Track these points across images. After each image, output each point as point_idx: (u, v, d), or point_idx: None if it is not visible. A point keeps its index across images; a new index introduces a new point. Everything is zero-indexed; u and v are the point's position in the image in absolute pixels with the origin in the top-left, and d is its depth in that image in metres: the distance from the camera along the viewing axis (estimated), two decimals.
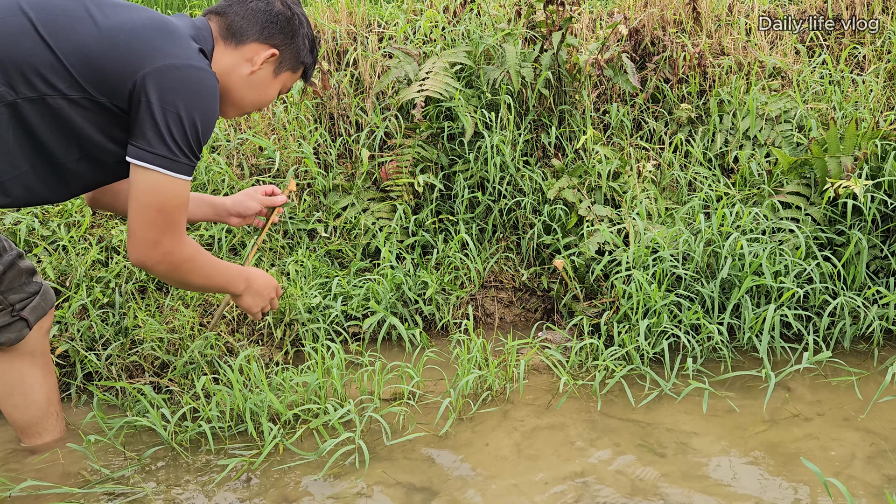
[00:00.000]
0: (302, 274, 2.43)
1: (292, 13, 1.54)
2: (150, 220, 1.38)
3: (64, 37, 1.31)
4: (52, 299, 1.70)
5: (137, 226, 1.38)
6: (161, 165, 1.34)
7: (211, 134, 1.42)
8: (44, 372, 1.73)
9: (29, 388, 1.72)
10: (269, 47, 1.52)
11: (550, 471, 1.68)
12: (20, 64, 1.29)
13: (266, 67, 1.53)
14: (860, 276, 2.22)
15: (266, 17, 1.50)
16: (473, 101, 2.69)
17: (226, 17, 1.50)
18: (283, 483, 1.65)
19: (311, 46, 1.60)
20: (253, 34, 1.50)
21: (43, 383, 1.74)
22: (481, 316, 2.53)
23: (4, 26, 1.30)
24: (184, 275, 1.47)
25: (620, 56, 2.84)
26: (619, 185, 2.56)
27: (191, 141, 1.36)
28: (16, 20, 1.30)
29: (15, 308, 1.61)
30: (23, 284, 1.63)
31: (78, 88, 1.32)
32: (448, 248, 2.53)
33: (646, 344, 2.08)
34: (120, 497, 1.62)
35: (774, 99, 2.75)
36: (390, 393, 2.04)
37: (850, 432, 1.79)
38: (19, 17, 1.31)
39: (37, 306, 1.65)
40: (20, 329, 1.63)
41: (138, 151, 1.34)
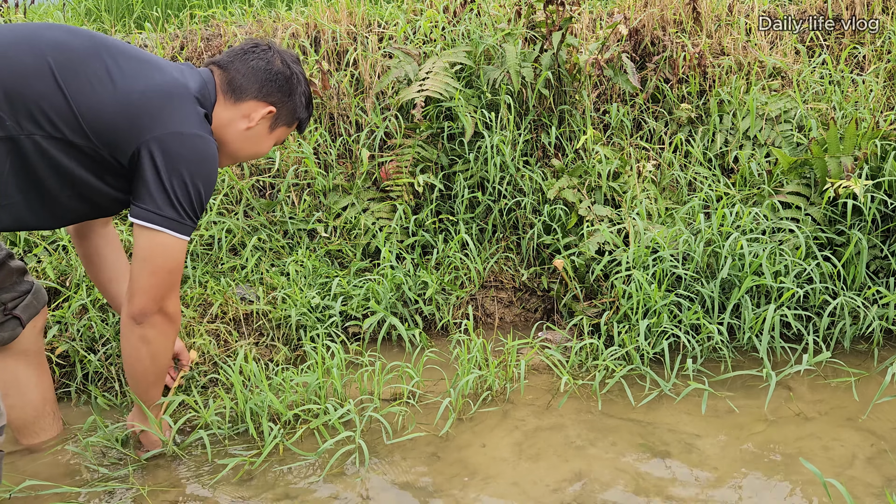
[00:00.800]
0: (302, 274, 2.43)
1: (291, 72, 1.60)
2: (159, 278, 1.45)
3: (80, 89, 1.35)
4: (43, 298, 1.71)
5: (146, 284, 1.45)
6: (170, 228, 1.41)
7: (210, 197, 1.49)
8: (39, 371, 1.74)
9: (24, 388, 1.72)
10: (267, 105, 1.58)
11: (550, 471, 1.68)
12: (30, 102, 1.32)
13: (262, 123, 1.59)
14: (860, 276, 2.22)
15: (265, 76, 1.56)
16: (473, 101, 2.69)
17: (227, 71, 1.56)
18: (284, 483, 1.65)
19: (306, 103, 1.66)
20: (252, 92, 1.56)
21: (38, 383, 1.74)
22: (481, 316, 2.53)
23: (23, 65, 1.33)
24: (165, 343, 1.53)
25: (620, 56, 2.84)
26: (619, 185, 2.56)
27: (194, 205, 1.43)
28: (35, 61, 1.34)
29: (7, 307, 1.62)
30: (14, 283, 1.64)
31: (83, 137, 1.36)
32: (448, 248, 2.52)
33: (646, 344, 2.08)
34: (120, 497, 1.62)
35: (774, 99, 2.75)
36: (390, 393, 2.04)
37: (850, 432, 1.79)
38: (40, 59, 1.34)
39: (29, 304, 1.66)
40: (13, 328, 1.64)
41: (147, 214, 1.40)
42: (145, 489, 1.64)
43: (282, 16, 3.48)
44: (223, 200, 2.63)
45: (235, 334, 2.22)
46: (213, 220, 2.51)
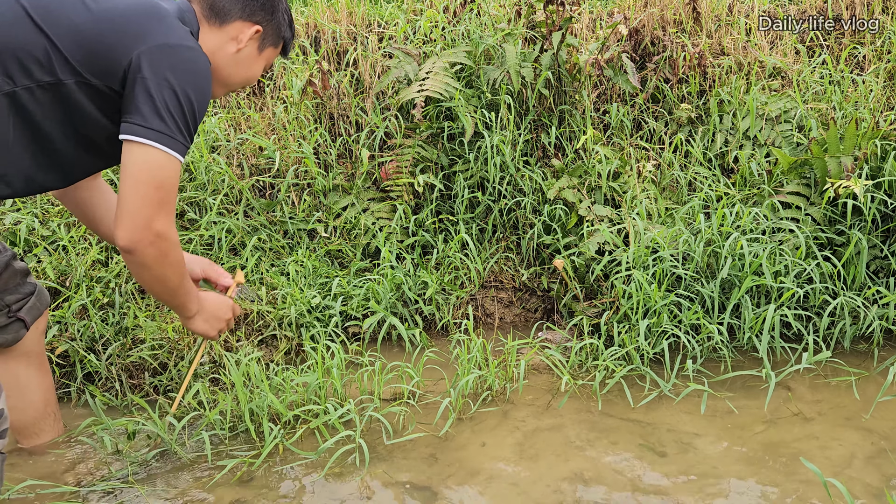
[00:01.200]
0: (302, 274, 2.43)
1: None
2: (147, 197, 1.33)
3: (57, 22, 1.30)
4: (46, 300, 1.70)
5: (132, 204, 1.33)
6: (158, 141, 1.32)
7: (204, 115, 1.42)
8: (40, 372, 1.73)
9: (25, 389, 1.71)
10: (253, 24, 1.53)
11: (550, 471, 1.68)
12: (17, 52, 1.27)
13: (251, 45, 1.55)
14: (860, 276, 2.22)
15: None
16: (473, 101, 2.69)
17: None
18: (284, 483, 1.65)
19: (289, 21, 1.62)
20: (236, 13, 1.52)
21: (40, 384, 1.74)
22: (481, 316, 2.53)
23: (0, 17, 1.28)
24: (166, 266, 1.42)
25: (620, 56, 2.84)
26: (619, 185, 2.55)
27: (187, 119, 1.35)
28: (10, 10, 1.29)
29: (12, 309, 1.62)
30: (18, 285, 1.63)
31: (72, 73, 1.31)
32: (448, 248, 2.52)
33: (646, 344, 2.08)
34: (119, 497, 1.62)
35: (774, 99, 2.75)
36: (390, 393, 2.04)
37: (850, 432, 1.79)
38: (13, 5, 1.30)
39: (33, 307, 1.65)
40: (17, 330, 1.64)
41: (133, 127, 1.31)
42: (145, 489, 1.64)
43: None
44: (223, 200, 2.63)
45: (239, 334, 2.22)
46: (213, 221, 2.51)
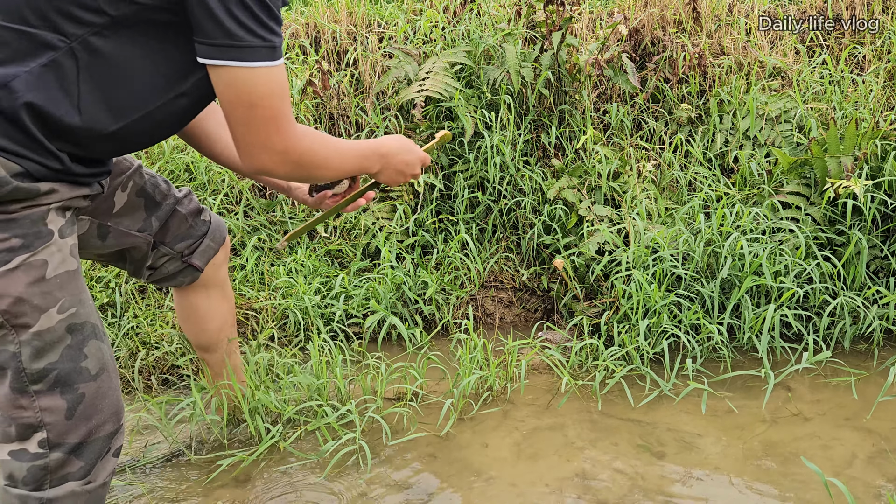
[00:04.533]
0: (302, 273, 2.43)
1: None
2: (246, 120, 1.16)
3: None
4: (221, 234, 1.63)
5: (237, 133, 1.18)
6: (232, 58, 1.11)
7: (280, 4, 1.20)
8: (219, 301, 1.71)
9: (202, 318, 1.71)
10: None
11: (551, 471, 1.68)
12: (57, 2, 1.08)
13: None
14: (860, 276, 2.22)
15: None
16: (473, 101, 2.69)
17: None
18: (283, 483, 1.65)
19: None
20: None
21: (217, 314, 1.72)
22: (481, 316, 2.53)
23: None
24: (311, 170, 1.27)
25: (620, 56, 2.84)
26: (619, 185, 2.55)
27: (260, 15, 1.11)
28: None
29: (183, 254, 1.57)
30: (189, 228, 1.56)
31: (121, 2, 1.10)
32: (448, 248, 2.52)
33: (646, 344, 2.07)
34: (118, 495, 1.62)
35: (774, 99, 2.75)
36: (392, 393, 2.04)
37: (850, 432, 1.79)
38: None
39: (205, 249, 1.60)
40: (192, 272, 1.61)
41: (202, 48, 1.11)
42: (145, 487, 1.64)
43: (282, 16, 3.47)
44: (223, 200, 2.63)
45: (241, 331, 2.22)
46: None
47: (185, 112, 1.25)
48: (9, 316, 1.09)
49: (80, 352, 1.16)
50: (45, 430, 1.14)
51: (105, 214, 1.41)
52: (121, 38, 1.13)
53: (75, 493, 1.18)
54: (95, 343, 1.18)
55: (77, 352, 1.15)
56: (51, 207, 1.13)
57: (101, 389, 1.19)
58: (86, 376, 1.16)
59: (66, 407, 1.15)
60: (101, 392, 1.19)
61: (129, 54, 1.14)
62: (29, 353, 1.11)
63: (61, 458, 1.16)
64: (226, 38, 1.10)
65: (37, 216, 1.11)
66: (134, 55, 1.14)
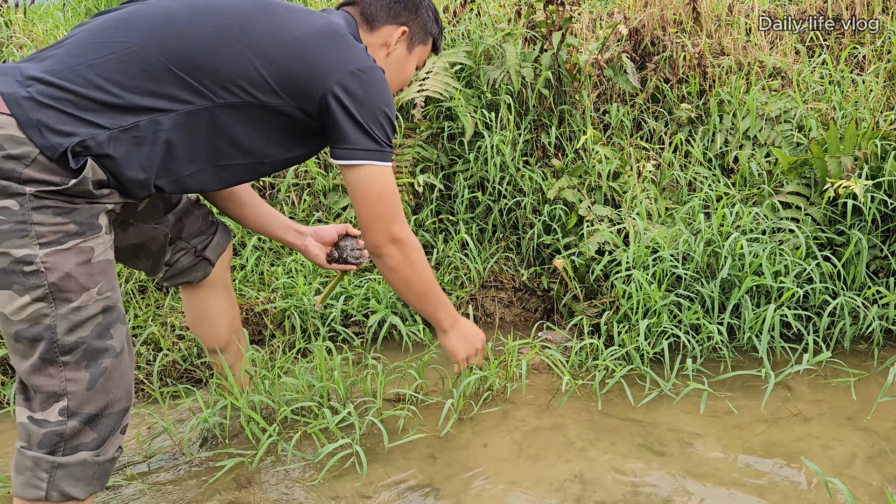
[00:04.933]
0: (302, 273, 2.43)
1: None
2: (377, 211, 1.50)
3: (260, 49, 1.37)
4: (228, 235, 1.79)
5: (366, 220, 1.52)
6: (373, 159, 1.45)
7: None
8: (226, 301, 1.83)
9: (213, 316, 1.81)
10: (399, 26, 1.62)
11: (551, 471, 1.68)
12: (221, 72, 1.34)
13: (400, 46, 1.63)
14: (860, 276, 2.22)
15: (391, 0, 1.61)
16: (473, 101, 2.69)
17: (358, 5, 1.61)
18: (283, 483, 1.65)
19: (434, 17, 1.70)
20: (382, 17, 1.60)
21: (227, 313, 1.83)
22: (481, 316, 2.53)
23: (208, 36, 1.34)
24: (410, 268, 1.59)
25: (620, 56, 2.84)
26: (619, 185, 2.56)
27: (386, 129, 1.46)
28: (218, 31, 1.35)
29: (197, 249, 1.72)
30: (202, 226, 1.72)
31: (274, 95, 1.39)
32: (448, 248, 2.52)
33: (646, 344, 2.08)
34: (118, 494, 1.62)
35: (774, 99, 2.75)
36: (393, 394, 2.03)
37: (850, 432, 1.79)
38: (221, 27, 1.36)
39: (216, 244, 1.75)
40: (205, 267, 1.74)
41: (347, 152, 1.44)
42: (145, 488, 1.64)
43: None
44: None
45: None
46: None
47: (248, 176, 1.50)
48: (55, 289, 1.24)
49: (107, 331, 1.30)
50: (66, 398, 1.26)
51: (131, 213, 1.57)
52: (248, 114, 1.39)
53: (86, 462, 1.29)
54: (120, 326, 1.33)
55: (105, 330, 1.30)
56: (105, 207, 1.31)
57: (120, 368, 1.32)
58: (110, 354, 1.30)
59: (89, 379, 1.27)
60: (119, 370, 1.32)
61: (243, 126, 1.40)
62: (65, 326, 1.25)
63: (77, 426, 1.27)
64: (371, 144, 1.44)
65: (95, 211, 1.29)
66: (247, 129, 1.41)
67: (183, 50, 1.32)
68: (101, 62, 1.29)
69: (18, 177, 1.21)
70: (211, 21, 1.36)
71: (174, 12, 1.36)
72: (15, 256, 1.22)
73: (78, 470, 1.28)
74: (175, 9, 1.37)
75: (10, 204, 1.21)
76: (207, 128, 1.37)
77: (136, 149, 1.30)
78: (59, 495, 1.26)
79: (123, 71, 1.30)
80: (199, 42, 1.33)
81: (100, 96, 1.27)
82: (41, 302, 1.24)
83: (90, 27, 1.35)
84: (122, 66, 1.30)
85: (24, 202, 1.22)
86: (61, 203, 1.24)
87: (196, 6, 1.38)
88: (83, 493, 1.29)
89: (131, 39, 1.32)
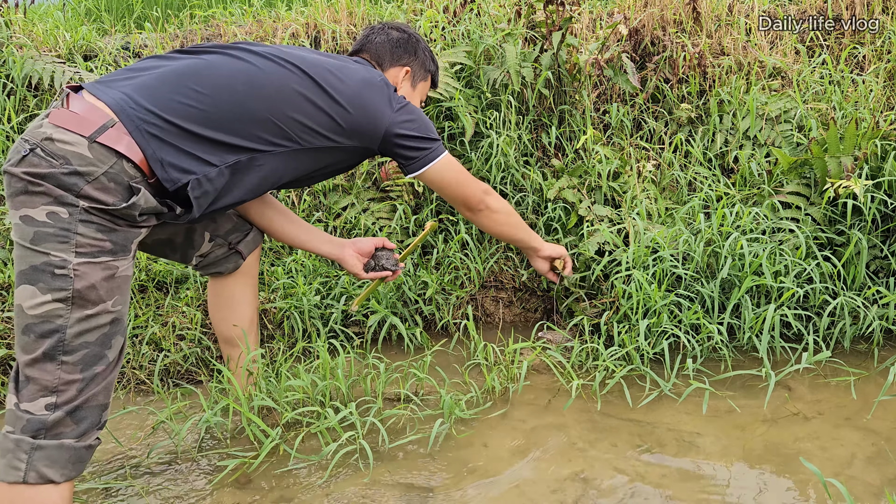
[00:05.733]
0: (302, 273, 2.43)
1: (408, 35, 1.96)
2: (462, 194, 1.91)
3: (325, 103, 1.64)
4: (262, 235, 1.95)
5: (460, 208, 1.96)
6: (433, 158, 1.80)
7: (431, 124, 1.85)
8: (252, 291, 1.95)
9: (239, 305, 1.92)
10: (402, 67, 1.94)
11: (551, 471, 1.68)
12: (297, 119, 1.61)
13: (405, 83, 1.95)
14: (860, 276, 2.22)
15: (392, 45, 1.93)
16: (473, 101, 2.69)
17: (367, 52, 1.93)
18: (284, 484, 1.65)
19: (431, 57, 2.02)
20: (388, 61, 1.93)
21: (251, 302, 1.94)
22: (481, 316, 2.53)
23: (276, 90, 1.59)
24: (505, 218, 2.04)
25: (620, 56, 2.84)
26: (619, 185, 2.55)
27: (433, 130, 1.81)
28: (285, 85, 1.60)
29: (231, 243, 1.87)
30: (235, 224, 1.88)
31: (346, 137, 1.69)
32: (448, 248, 2.53)
33: (646, 344, 2.08)
34: (118, 494, 1.62)
35: (774, 99, 2.75)
36: (393, 393, 2.04)
37: (850, 432, 1.79)
38: (286, 84, 1.60)
39: (250, 241, 1.90)
40: (236, 260, 1.89)
41: (418, 164, 1.79)
42: (145, 489, 1.64)
43: (282, 16, 3.48)
44: None
45: None
46: None
47: (286, 183, 1.75)
48: (78, 295, 1.35)
49: (109, 340, 1.40)
50: (56, 395, 1.34)
51: None
52: (307, 154, 1.68)
53: (64, 447, 1.35)
54: (120, 338, 1.43)
55: (108, 340, 1.40)
56: (140, 234, 1.46)
57: (110, 376, 1.42)
58: (104, 361, 1.40)
59: (80, 380, 1.36)
60: (108, 377, 1.42)
61: (298, 162, 1.67)
62: (75, 330, 1.35)
63: (60, 417, 1.34)
64: (426, 150, 1.79)
65: (131, 236, 1.44)
66: (300, 164, 1.68)
67: (281, 104, 1.58)
68: (212, 106, 1.51)
69: (78, 191, 1.34)
70: (279, 77, 1.60)
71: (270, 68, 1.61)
72: (51, 258, 1.32)
73: (55, 452, 1.34)
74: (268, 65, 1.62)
75: (60, 211, 1.33)
76: (274, 164, 1.63)
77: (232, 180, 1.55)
78: (37, 476, 1.31)
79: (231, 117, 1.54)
80: (292, 101, 1.60)
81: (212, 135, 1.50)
82: (61, 303, 1.33)
83: (182, 66, 1.55)
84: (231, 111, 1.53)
85: (75, 213, 1.34)
86: (105, 221, 1.38)
87: (267, 68, 1.61)
88: (59, 476, 1.33)
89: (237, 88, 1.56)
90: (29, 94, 3.00)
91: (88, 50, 3.39)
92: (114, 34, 3.73)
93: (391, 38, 1.94)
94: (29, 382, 1.33)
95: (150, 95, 1.46)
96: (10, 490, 1.31)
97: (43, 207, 1.32)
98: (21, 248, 1.34)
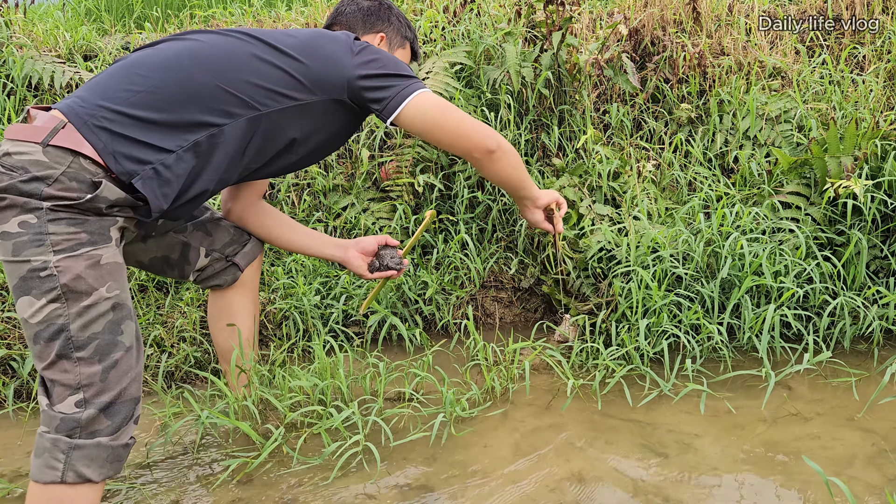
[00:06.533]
0: (302, 273, 2.43)
1: (379, 2, 1.91)
2: (453, 135, 1.67)
3: (282, 61, 1.57)
4: (260, 246, 1.93)
5: (456, 151, 1.72)
6: (408, 94, 1.61)
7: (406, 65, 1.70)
8: (251, 302, 1.93)
9: (236, 316, 1.91)
10: (377, 33, 1.89)
11: (551, 471, 1.68)
12: (255, 83, 1.54)
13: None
14: (860, 276, 2.22)
15: (363, 13, 1.89)
16: (473, 101, 2.69)
17: (340, 24, 1.90)
18: (285, 484, 1.65)
19: (406, 23, 1.95)
20: (361, 29, 1.89)
21: (249, 313, 1.93)
22: (481, 316, 2.53)
23: (229, 60, 1.54)
24: (508, 168, 1.79)
25: (620, 56, 2.84)
26: (619, 184, 2.55)
27: (402, 71, 1.64)
28: (243, 52, 1.56)
29: (227, 255, 1.85)
30: (232, 236, 1.87)
31: (309, 92, 1.59)
32: (448, 248, 2.53)
33: (645, 344, 2.08)
34: (119, 494, 1.62)
35: (774, 99, 2.75)
36: (394, 393, 2.04)
37: (850, 432, 1.79)
38: (245, 47, 1.57)
39: (247, 253, 1.88)
40: (234, 272, 1.87)
41: (391, 104, 1.61)
42: (146, 489, 1.64)
43: (282, 16, 3.48)
44: None
45: None
46: None
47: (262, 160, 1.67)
48: (67, 289, 1.35)
49: (118, 327, 1.40)
50: (82, 391, 1.35)
51: (152, 227, 1.73)
52: (298, 113, 1.61)
53: (101, 445, 1.36)
54: (130, 323, 1.43)
55: (116, 326, 1.39)
56: (116, 222, 1.44)
57: (130, 361, 1.41)
58: (121, 348, 1.39)
59: (101, 371, 1.36)
60: (129, 363, 1.41)
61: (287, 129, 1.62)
62: (79, 324, 1.35)
63: (93, 414, 1.35)
64: (390, 92, 1.60)
65: (106, 224, 1.41)
66: (267, 133, 1.60)
67: (230, 70, 1.52)
68: (158, 86, 1.47)
69: (39, 195, 1.34)
70: (234, 48, 1.56)
71: (218, 44, 1.57)
72: (32, 264, 1.34)
73: (94, 451, 1.34)
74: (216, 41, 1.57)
75: (29, 218, 1.34)
76: (255, 132, 1.56)
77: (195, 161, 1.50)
78: (75, 476, 1.32)
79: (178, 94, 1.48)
80: (242, 63, 1.54)
81: (161, 118, 1.46)
82: (55, 303, 1.34)
83: (132, 60, 1.53)
84: (178, 90, 1.48)
85: (42, 215, 1.34)
86: (74, 215, 1.36)
87: (217, 46, 1.57)
88: (97, 475, 1.34)
89: (184, 66, 1.51)
90: (29, 94, 3.00)
91: (88, 50, 3.40)
92: (114, 34, 3.73)
93: (361, 7, 1.90)
94: (55, 385, 1.35)
95: (101, 91, 1.45)
96: (46, 491, 1.31)
97: (14, 219, 1.34)
98: (8, 264, 1.36)
